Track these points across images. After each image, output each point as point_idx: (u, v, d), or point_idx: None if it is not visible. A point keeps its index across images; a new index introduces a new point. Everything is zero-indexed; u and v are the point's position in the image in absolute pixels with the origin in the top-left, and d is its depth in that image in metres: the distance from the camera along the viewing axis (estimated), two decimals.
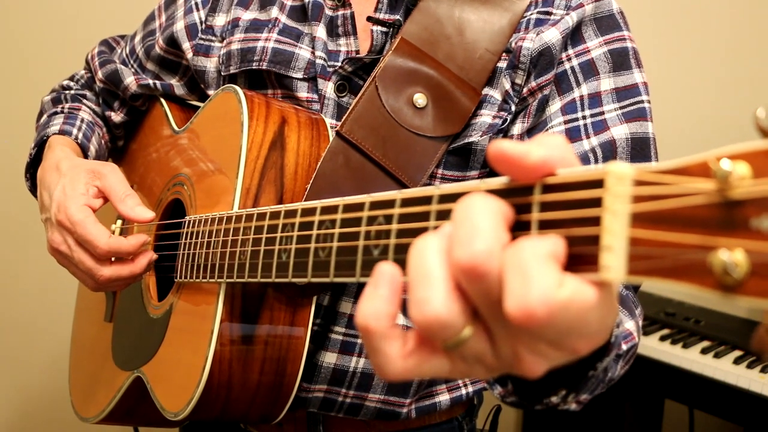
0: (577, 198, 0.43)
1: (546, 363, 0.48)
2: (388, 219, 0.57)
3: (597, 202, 0.42)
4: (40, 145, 1.25)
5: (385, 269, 0.49)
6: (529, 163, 0.46)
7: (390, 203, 0.57)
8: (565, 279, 0.43)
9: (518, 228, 0.46)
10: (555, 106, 1.01)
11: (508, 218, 0.47)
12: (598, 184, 0.42)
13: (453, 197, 0.51)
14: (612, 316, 0.48)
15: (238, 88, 1.04)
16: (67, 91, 1.38)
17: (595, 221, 0.42)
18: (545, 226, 0.45)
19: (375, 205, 0.59)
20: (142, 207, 1.06)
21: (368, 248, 0.59)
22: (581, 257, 0.43)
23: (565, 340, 0.46)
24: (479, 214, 0.45)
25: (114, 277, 1.04)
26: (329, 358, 1.04)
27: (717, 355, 1.84)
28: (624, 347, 0.81)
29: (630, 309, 0.90)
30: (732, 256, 0.37)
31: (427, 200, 0.53)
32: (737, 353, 1.86)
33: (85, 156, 1.24)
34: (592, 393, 0.74)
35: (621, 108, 1.00)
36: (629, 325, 0.85)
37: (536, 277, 0.42)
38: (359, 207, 0.61)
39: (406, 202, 0.56)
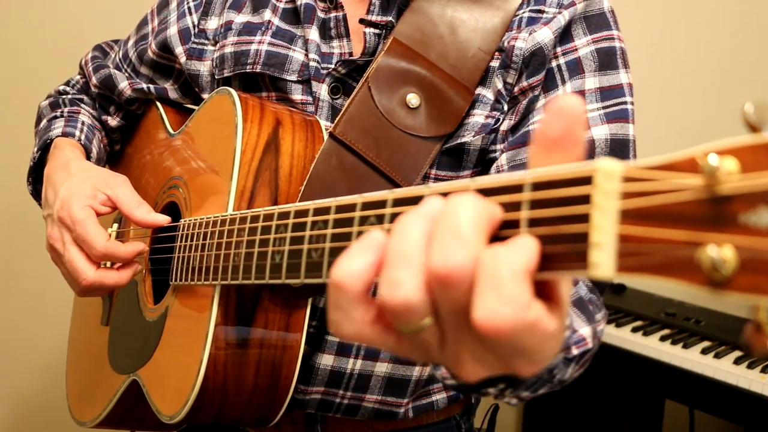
0: (566, 195, 0.43)
1: (484, 371, 0.49)
2: (380, 219, 0.57)
3: (586, 199, 0.42)
4: (44, 149, 1.25)
5: (378, 236, 0.49)
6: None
7: (381, 203, 0.57)
8: (533, 303, 0.44)
9: (507, 226, 0.46)
10: (539, 103, 1.01)
11: (494, 222, 0.47)
12: (586, 180, 0.42)
13: (443, 196, 0.51)
14: (558, 347, 0.49)
15: (232, 90, 1.04)
16: (64, 96, 1.38)
17: (584, 218, 0.42)
18: (534, 224, 0.44)
19: (367, 206, 0.59)
20: (155, 213, 1.07)
21: None
22: (571, 255, 0.42)
23: (512, 358, 0.46)
24: (465, 222, 0.45)
25: (97, 284, 1.04)
26: (326, 360, 1.04)
27: (717, 356, 1.83)
28: (575, 351, 0.81)
29: (589, 314, 0.89)
30: (720, 252, 0.37)
31: (417, 200, 0.53)
32: (738, 353, 1.85)
33: (87, 158, 1.25)
34: (535, 392, 0.74)
35: (604, 108, 1.00)
36: (584, 330, 0.85)
37: (510, 294, 0.42)
38: (351, 208, 0.61)
39: (397, 202, 0.56)
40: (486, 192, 0.48)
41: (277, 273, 0.74)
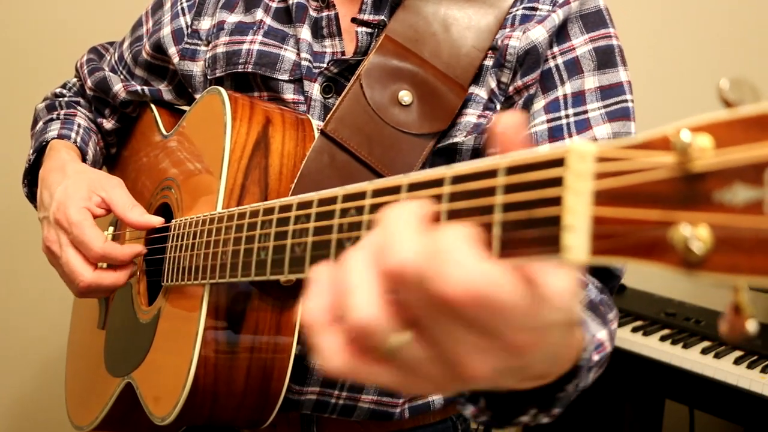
0: (539, 178, 0.42)
1: (490, 361, 0.45)
2: (360, 210, 0.56)
3: (558, 182, 0.41)
4: (39, 151, 1.25)
5: (323, 270, 0.50)
6: None
7: (361, 195, 0.56)
8: (489, 261, 0.42)
9: (483, 212, 0.45)
10: (539, 104, 1.01)
11: (425, 216, 0.47)
12: (559, 162, 0.41)
13: (421, 185, 0.50)
14: (545, 314, 0.45)
15: (222, 89, 1.03)
16: (60, 98, 1.37)
17: (557, 201, 0.41)
18: (509, 208, 0.43)
19: (347, 198, 0.59)
20: (149, 214, 1.07)
21: (341, 241, 0.58)
22: (544, 239, 0.41)
23: (506, 332, 0.44)
24: (400, 222, 0.46)
25: (95, 285, 1.04)
26: None
27: (717, 356, 1.82)
28: (596, 358, 0.78)
29: (602, 316, 0.87)
30: (695, 231, 0.36)
31: (396, 190, 0.53)
32: (738, 353, 1.85)
33: (83, 160, 1.24)
34: (564, 406, 0.73)
35: (605, 107, 0.99)
36: (601, 334, 0.83)
37: (464, 255, 0.42)
38: (332, 200, 0.61)
39: (376, 193, 0.55)
40: (461, 178, 0.47)
41: (262, 269, 0.74)
